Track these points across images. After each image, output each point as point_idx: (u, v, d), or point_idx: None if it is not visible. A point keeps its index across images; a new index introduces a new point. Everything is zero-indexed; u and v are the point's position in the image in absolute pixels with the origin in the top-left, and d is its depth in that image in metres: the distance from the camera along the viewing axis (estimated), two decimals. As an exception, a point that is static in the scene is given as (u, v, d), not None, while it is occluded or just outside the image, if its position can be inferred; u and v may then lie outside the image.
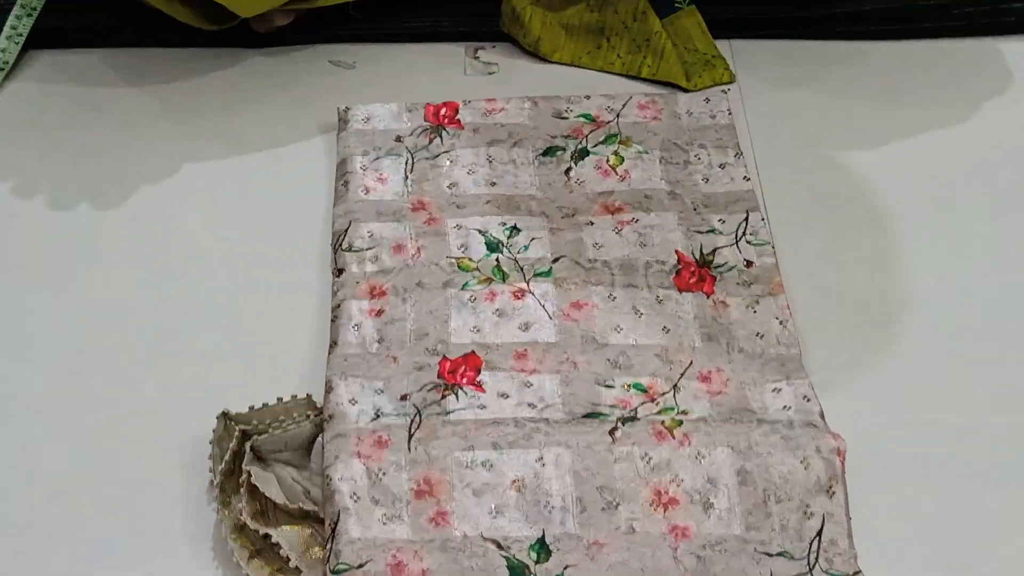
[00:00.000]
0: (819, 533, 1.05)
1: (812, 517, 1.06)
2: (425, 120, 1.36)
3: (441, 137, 1.34)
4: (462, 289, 1.19)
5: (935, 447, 1.15)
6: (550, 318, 1.17)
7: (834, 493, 1.07)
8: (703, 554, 1.04)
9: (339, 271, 1.22)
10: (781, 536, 1.05)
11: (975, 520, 1.10)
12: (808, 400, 1.12)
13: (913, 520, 1.11)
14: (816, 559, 1.05)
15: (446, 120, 1.36)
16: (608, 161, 1.32)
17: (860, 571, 1.04)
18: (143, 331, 1.21)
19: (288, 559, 1.02)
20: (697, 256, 1.23)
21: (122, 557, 1.07)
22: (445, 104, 1.37)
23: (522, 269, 1.22)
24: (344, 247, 1.24)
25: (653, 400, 1.12)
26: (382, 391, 1.11)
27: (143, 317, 1.22)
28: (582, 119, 1.36)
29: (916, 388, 1.19)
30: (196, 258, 1.27)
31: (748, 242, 1.25)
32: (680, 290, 1.20)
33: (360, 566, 1.01)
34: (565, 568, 1.02)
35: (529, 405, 1.11)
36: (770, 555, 1.04)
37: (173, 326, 1.21)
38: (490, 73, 1.45)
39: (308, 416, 1.11)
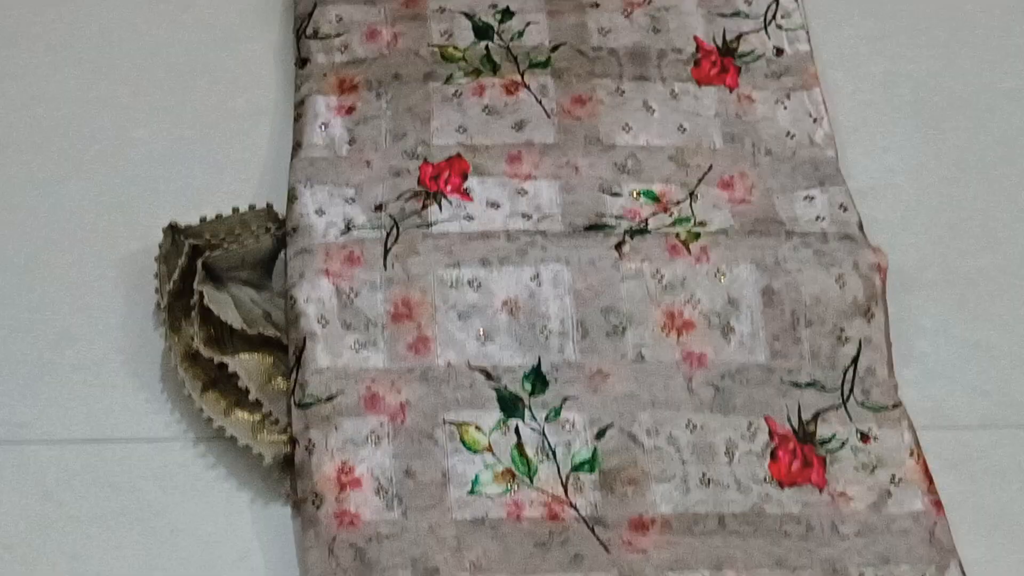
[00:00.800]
0: (855, 361, 1.10)
1: (847, 343, 1.10)
2: None
3: None
4: (446, 83, 1.21)
5: (993, 262, 1.19)
6: (548, 116, 1.19)
7: (873, 316, 1.10)
8: (721, 384, 1.08)
9: (303, 61, 1.23)
10: (811, 364, 1.10)
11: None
12: (845, 210, 1.15)
13: (965, 347, 1.15)
14: (851, 390, 1.09)
15: None
16: (614, -67, 1.33)
17: (901, 403, 1.08)
18: (77, 131, 1.22)
19: (247, 391, 1.06)
20: (719, 43, 1.24)
21: (56, 387, 1.09)
22: None
23: (516, 59, 1.23)
24: (308, 34, 1.25)
25: (666, 210, 1.14)
26: (354, 200, 1.14)
27: (76, 114, 1.23)
28: None
29: (971, 196, 1.21)
30: (137, 45, 1.28)
31: (779, 26, 1.26)
32: (699, 83, 1.22)
33: (329, 399, 1.04)
34: (564, 401, 1.06)
35: (523, 216, 1.13)
36: (799, 386, 1.09)
37: (111, 126, 1.23)
38: None
39: (268, 229, 1.13)
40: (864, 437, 1.09)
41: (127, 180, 1.20)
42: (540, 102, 1.20)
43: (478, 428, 1.07)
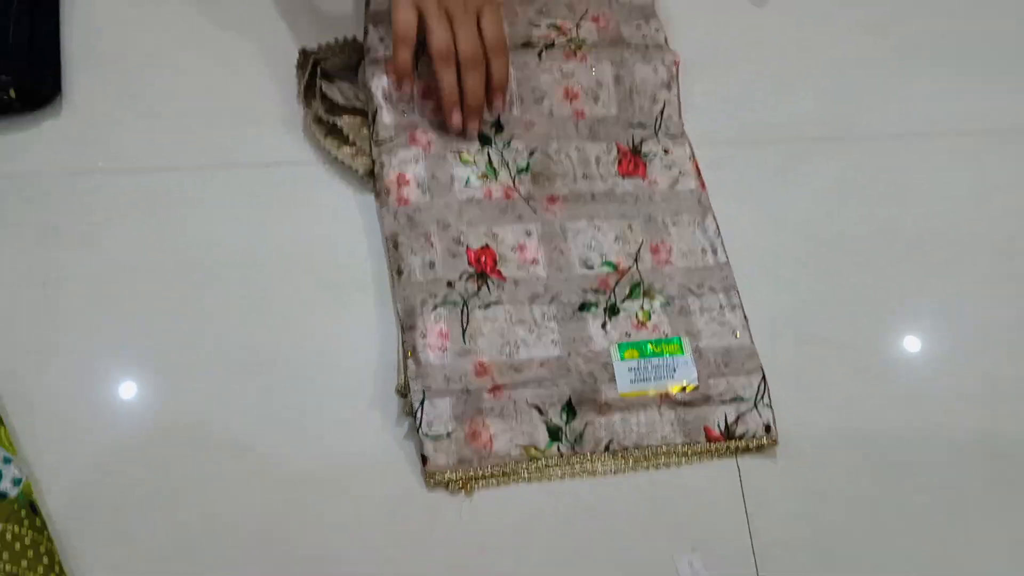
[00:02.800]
0: (662, 112, 1.44)
1: (658, 103, 1.45)
2: None
3: None
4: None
5: (753, 52, 1.52)
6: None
7: (671, 87, 1.46)
8: (594, 127, 1.41)
9: None
10: (639, 114, 1.44)
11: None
12: (657, 31, 1.50)
13: (723, 100, 1.47)
14: (658, 127, 1.44)
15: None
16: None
17: (684, 133, 1.42)
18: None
19: (348, 136, 1.35)
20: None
21: (243, 134, 1.37)
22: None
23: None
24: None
25: (565, 35, 1.48)
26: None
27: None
28: None
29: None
30: None
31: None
32: None
33: (391, 139, 1.34)
34: (512, 137, 1.37)
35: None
36: (633, 126, 1.43)
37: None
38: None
39: (356, 50, 1.41)
40: (666, 151, 1.40)
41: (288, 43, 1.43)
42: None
43: (468, 152, 1.35)
